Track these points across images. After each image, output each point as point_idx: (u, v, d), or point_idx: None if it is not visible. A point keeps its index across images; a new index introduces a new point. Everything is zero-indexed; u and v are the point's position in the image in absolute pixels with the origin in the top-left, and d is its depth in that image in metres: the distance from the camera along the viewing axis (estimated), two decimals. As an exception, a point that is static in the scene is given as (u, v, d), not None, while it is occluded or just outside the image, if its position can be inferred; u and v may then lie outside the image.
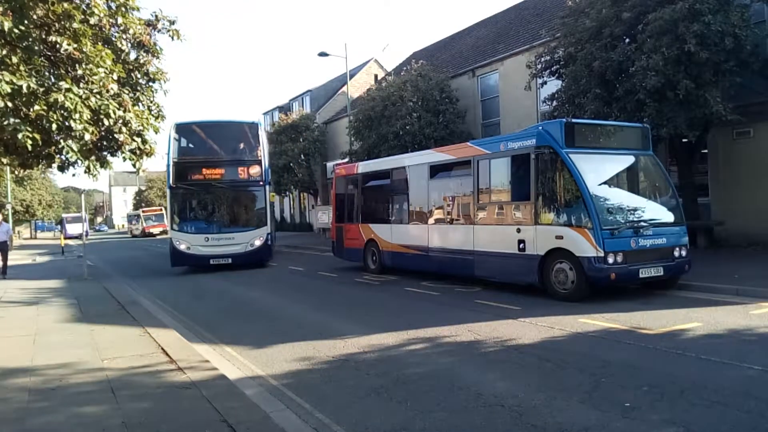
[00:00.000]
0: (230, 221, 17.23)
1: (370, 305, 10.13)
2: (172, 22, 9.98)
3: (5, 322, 9.28)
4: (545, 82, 15.72)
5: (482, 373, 5.61)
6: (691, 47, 11.35)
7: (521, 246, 9.87)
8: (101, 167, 9.19)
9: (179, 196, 16.97)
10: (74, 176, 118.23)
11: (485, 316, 8.25)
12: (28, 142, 7.35)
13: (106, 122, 8.32)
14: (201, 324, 8.91)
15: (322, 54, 25.99)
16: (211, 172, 16.94)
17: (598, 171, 9.60)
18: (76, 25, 7.96)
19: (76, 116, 7.57)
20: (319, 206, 29.40)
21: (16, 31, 7.06)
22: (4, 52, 7.29)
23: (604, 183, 9.76)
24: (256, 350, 6.99)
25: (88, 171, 8.91)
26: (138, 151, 9.36)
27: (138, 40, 9.45)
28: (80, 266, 17.38)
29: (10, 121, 7.22)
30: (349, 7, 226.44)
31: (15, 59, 7.35)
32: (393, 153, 19.00)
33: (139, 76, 9.99)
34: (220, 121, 18.46)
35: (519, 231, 9.94)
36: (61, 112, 7.50)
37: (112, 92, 8.37)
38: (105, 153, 9.32)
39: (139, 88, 10.08)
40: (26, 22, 7.35)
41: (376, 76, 35.41)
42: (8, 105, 7.11)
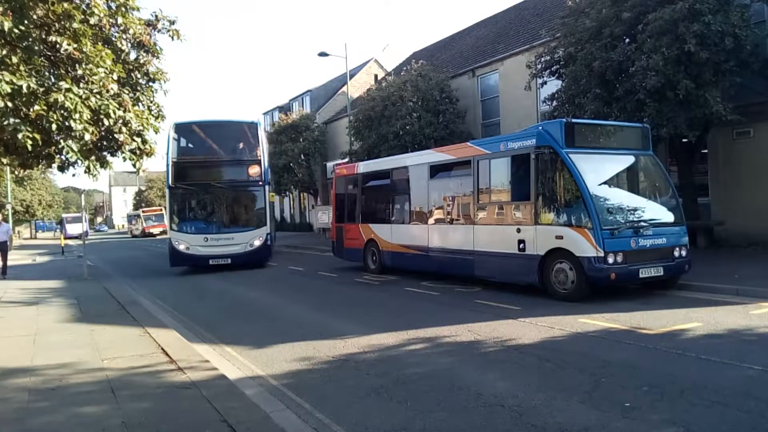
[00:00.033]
0: (229, 221, 17.15)
1: (370, 305, 10.13)
2: (172, 22, 9.99)
3: (5, 322, 9.29)
4: (545, 82, 15.72)
5: (482, 373, 5.61)
6: (691, 47, 11.35)
7: (521, 246, 9.87)
8: (101, 167, 9.18)
9: (178, 196, 16.91)
10: (74, 176, 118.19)
11: (485, 316, 8.25)
12: (28, 142, 7.35)
13: (106, 122, 8.33)
14: (201, 324, 8.92)
15: (322, 54, 26.00)
16: (210, 172, 16.90)
17: (598, 171, 9.60)
18: (76, 25, 7.96)
19: (76, 116, 7.57)
20: (319, 206, 29.40)
21: (16, 31, 7.06)
22: (4, 52, 7.29)
23: (604, 183, 9.77)
24: (256, 350, 7.00)
25: (88, 171, 8.91)
26: (138, 151, 9.36)
27: (138, 40, 9.45)
28: (80, 266, 17.38)
29: (10, 121, 7.22)
30: (349, 7, 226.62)
31: (15, 59, 7.35)
32: (393, 153, 19.00)
33: (139, 76, 10.00)
34: (220, 121, 18.37)
35: (519, 231, 9.94)
36: (61, 112, 7.50)
37: (112, 92, 8.37)
38: (105, 153, 9.32)
39: (139, 88, 10.09)
40: (26, 22, 7.35)
41: (376, 76, 35.41)
42: (8, 105, 7.11)
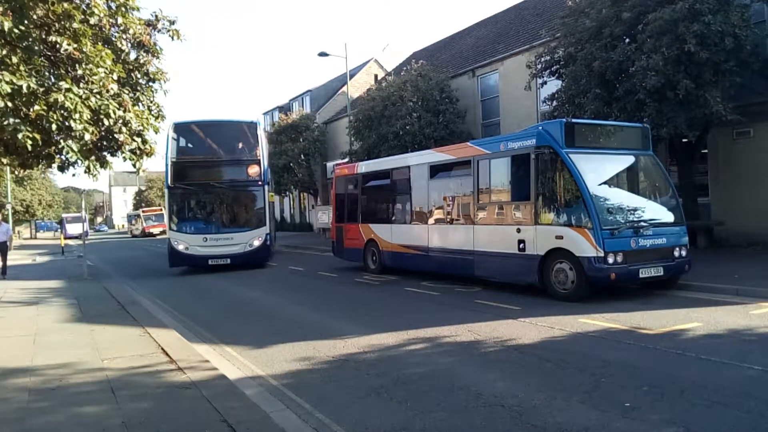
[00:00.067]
0: (229, 221, 17.11)
1: (370, 305, 10.13)
2: (172, 22, 9.99)
3: (5, 322, 9.29)
4: (545, 82, 15.72)
5: (482, 373, 5.61)
6: (691, 47, 11.35)
7: (521, 246, 9.87)
8: (101, 167, 9.18)
9: (177, 196, 16.85)
10: (74, 176, 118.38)
11: (485, 316, 8.25)
12: (28, 142, 7.35)
13: (106, 122, 8.33)
14: (201, 324, 8.92)
15: (322, 54, 26.00)
16: (209, 172, 16.84)
17: (598, 171, 9.60)
18: (76, 25, 7.96)
19: (76, 116, 7.58)
20: (319, 206, 29.39)
21: (16, 31, 7.06)
22: (4, 52, 7.29)
23: (604, 183, 9.77)
24: (256, 350, 6.99)
25: (88, 171, 8.91)
26: (138, 151, 9.36)
27: (138, 40, 9.45)
28: (80, 266, 17.38)
29: (10, 121, 7.22)
30: (349, 7, 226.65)
31: (15, 59, 7.35)
32: (393, 153, 19.00)
33: (139, 76, 10.00)
34: (219, 121, 18.31)
35: (519, 231, 9.94)
36: (61, 112, 7.50)
37: (112, 92, 8.38)
38: (105, 153, 9.32)
39: (139, 88, 10.09)
40: (26, 22, 7.35)
41: (376, 76, 35.42)
42: (8, 105, 7.11)
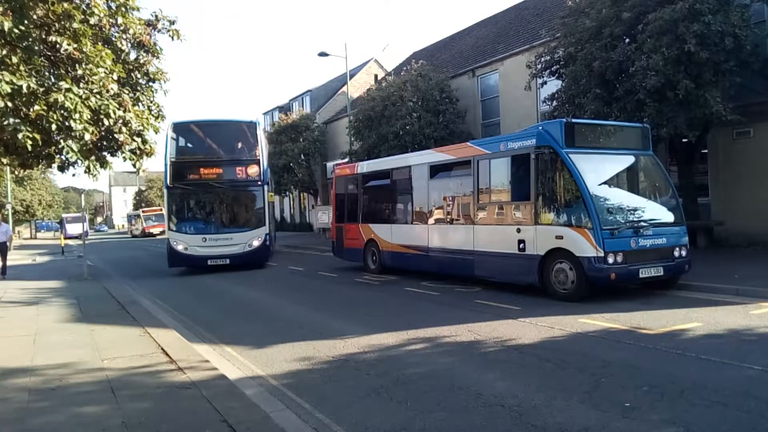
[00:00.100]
0: (228, 221, 17.07)
1: (370, 305, 10.13)
2: (172, 22, 9.99)
3: (5, 322, 9.29)
4: (545, 82, 15.72)
5: (482, 373, 5.61)
6: (691, 47, 11.35)
7: (521, 246, 9.87)
8: (101, 167, 9.19)
9: (177, 196, 16.79)
10: (74, 176, 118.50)
11: (485, 316, 8.25)
12: (28, 142, 7.35)
13: (106, 122, 8.33)
14: (201, 324, 8.92)
15: (322, 54, 26.00)
16: (208, 172, 16.75)
17: (598, 171, 9.60)
18: (76, 25, 7.97)
19: (76, 116, 7.58)
20: (319, 206, 29.39)
21: (16, 31, 7.07)
22: (4, 52, 7.29)
23: (604, 183, 9.76)
24: (256, 350, 6.99)
25: (88, 171, 8.91)
26: (138, 151, 9.36)
27: (138, 40, 9.46)
28: (80, 266, 17.38)
29: (10, 121, 7.22)
30: (349, 7, 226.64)
31: (15, 59, 7.36)
32: (393, 153, 19.00)
33: (139, 76, 10.00)
34: (218, 120, 18.26)
35: (519, 231, 9.94)
36: (61, 112, 7.51)
37: (112, 92, 8.38)
38: (105, 153, 9.32)
39: (139, 88, 10.09)
40: (26, 22, 7.36)
41: (376, 76, 35.42)
42: (8, 105, 7.12)
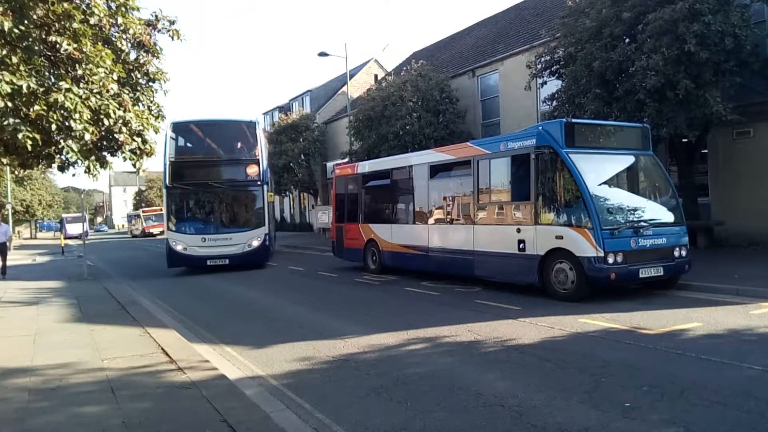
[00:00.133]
0: (228, 221, 17.04)
1: (370, 305, 10.13)
2: (172, 22, 10.00)
3: (5, 322, 9.29)
4: (545, 82, 15.72)
5: (482, 373, 5.61)
6: (691, 47, 11.35)
7: (521, 246, 9.87)
8: (101, 167, 9.18)
9: (176, 196, 16.75)
10: (74, 176, 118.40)
11: (485, 316, 8.25)
12: (28, 142, 7.35)
13: (106, 122, 8.33)
14: (201, 324, 8.92)
15: (322, 54, 26.00)
16: (208, 172, 16.75)
17: (598, 171, 9.60)
18: (76, 25, 7.97)
19: (76, 116, 7.58)
20: (319, 206, 29.39)
21: (16, 31, 7.07)
22: (4, 52, 7.29)
23: (604, 183, 9.76)
24: (256, 350, 6.99)
25: (88, 171, 8.91)
26: (138, 151, 9.37)
27: (138, 40, 9.46)
28: (80, 266, 17.38)
29: (10, 121, 7.22)
30: (349, 7, 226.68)
31: (15, 59, 7.36)
32: (393, 153, 19.00)
33: (139, 76, 10.01)
34: (218, 120, 18.21)
35: (519, 231, 9.94)
36: (61, 112, 7.51)
37: (112, 92, 8.38)
38: (105, 153, 9.33)
39: (139, 88, 10.09)
40: (26, 22, 7.36)
41: (376, 76, 35.42)
42: (8, 105, 7.11)
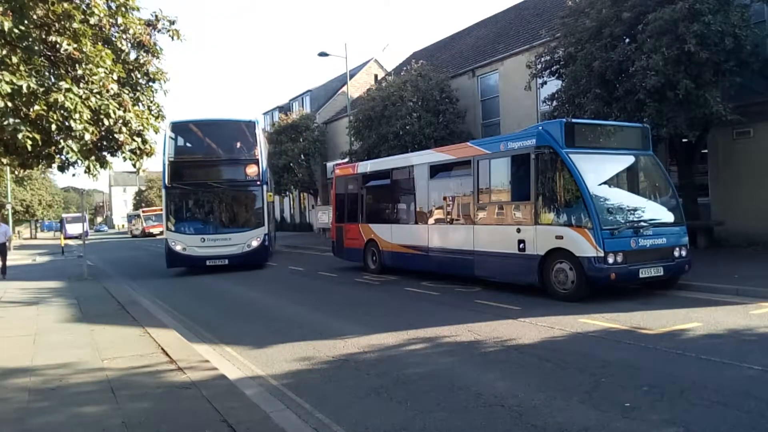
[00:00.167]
0: (227, 221, 17.00)
1: (370, 305, 10.13)
2: (172, 22, 9.99)
3: (5, 322, 9.29)
4: (545, 82, 15.72)
5: (482, 373, 5.61)
6: (691, 47, 11.35)
7: (521, 246, 9.87)
8: (101, 167, 9.18)
9: (175, 196, 16.73)
10: (74, 176, 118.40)
11: (485, 316, 8.25)
12: (28, 142, 7.35)
13: (106, 122, 8.33)
14: (201, 324, 8.92)
15: (322, 54, 26.00)
16: (207, 172, 16.72)
17: (598, 171, 9.60)
18: (76, 25, 7.96)
19: (76, 116, 7.58)
20: (319, 206, 29.39)
21: (16, 31, 7.06)
22: (4, 52, 7.29)
23: (604, 183, 9.77)
24: (256, 350, 6.99)
25: (88, 171, 8.91)
26: (138, 151, 9.36)
27: (138, 40, 9.46)
28: (80, 266, 17.38)
29: (10, 121, 7.22)
30: (349, 7, 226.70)
31: (15, 59, 7.35)
32: (393, 153, 18.99)
33: (139, 76, 10.00)
34: (217, 120, 18.19)
35: (519, 231, 9.94)
36: (61, 112, 7.50)
37: (112, 92, 8.38)
38: (105, 153, 9.32)
39: (139, 88, 10.09)
40: (26, 22, 7.35)
41: (376, 76, 35.42)
42: (8, 105, 7.11)
